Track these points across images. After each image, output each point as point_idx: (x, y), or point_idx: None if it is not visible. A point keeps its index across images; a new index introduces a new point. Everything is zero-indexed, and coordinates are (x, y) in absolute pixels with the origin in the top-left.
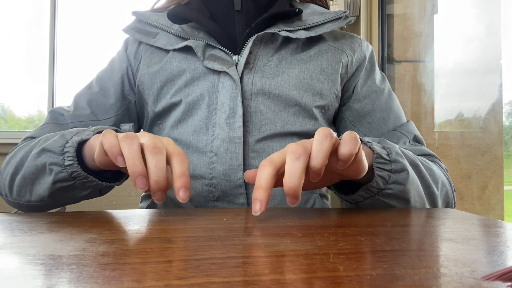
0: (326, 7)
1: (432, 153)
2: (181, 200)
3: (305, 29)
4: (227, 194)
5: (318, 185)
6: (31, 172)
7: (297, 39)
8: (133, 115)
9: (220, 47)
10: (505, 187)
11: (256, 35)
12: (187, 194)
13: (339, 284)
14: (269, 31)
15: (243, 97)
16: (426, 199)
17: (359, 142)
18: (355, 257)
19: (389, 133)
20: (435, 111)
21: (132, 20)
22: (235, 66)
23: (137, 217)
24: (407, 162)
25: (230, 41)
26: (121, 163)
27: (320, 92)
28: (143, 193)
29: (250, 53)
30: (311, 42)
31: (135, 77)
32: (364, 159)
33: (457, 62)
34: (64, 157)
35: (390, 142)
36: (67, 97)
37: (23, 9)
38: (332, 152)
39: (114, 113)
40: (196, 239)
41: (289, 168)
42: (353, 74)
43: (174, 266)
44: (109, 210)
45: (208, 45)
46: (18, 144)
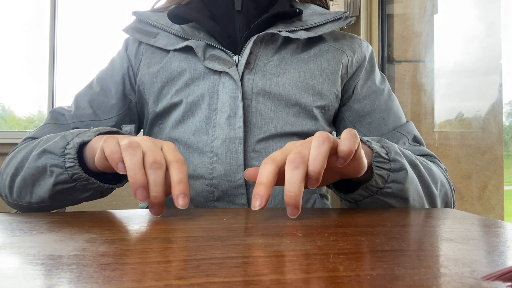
0: (326, 7)
1: (432, 153)
2: (180, 207)
3: (306, 29)
4: (227, 194)
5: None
6: (31, 174)
7: (298, 39)
8: (134, 115)
9: (220, 47)
10: (505, 187)
11: (257, 35)
12: (186, 201)
13: (339, 284)
14: (270, 31)
15: (244, 98)
16: (425, 199)
17: (359, 139)
18: (355, 257)
19: (388, 133)
20: (435, 111)
21: (133, 20)
22: (235, 66)
23: (137, 217)
24: (406, 161)
25: (230, 41)
26: (121, 170)
27: (320, 93)
28: None
29: (251, 53)
30: (311, 42)
31: (136, 77)
32: (364, 156)
33: (457, 62)
34: (65, 159)
35: (389, 142)
36: (67, 97)
37: (23, 9)
38: (332, 152)
39: (116, 113)
40: (196, 239)
41: (289, 178)
42: (353, 74)
43: (174, 266)
44: (109, 210)
45: (208, 45)
46: (18, 144)
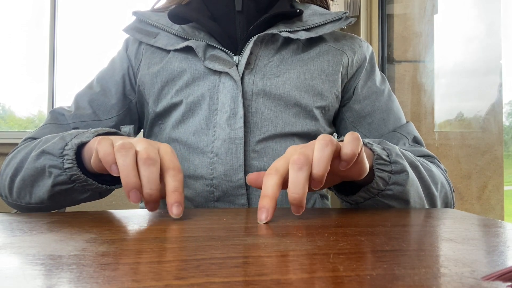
0: (326, 7)
1: (432, 154)
2: (174, 216)
3: (306, 29)
4: (227, 194)
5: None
6: (30, 174)
7: (298, 39)
8: (134, 115)
9: (220, 48)
10: (505, 187)
11: (257, 35)
12: (180, 210)
13: (339, 284)
14: (270, 31)
15: (244, 98)
16: (425, 200)
17: (361, 142)
18: (355, 257)
19: (389, 134)
20: (435, 111)
21: (133, 20)
22: (236, 66)
23: (137, 217)
24: (407, 163)
25: (230, 41)
26: (115, 172)
27: (320, 93)
28: None
29: (251, 53)
30: (311, 42)
31: (136, 77)
32: (366, 160)
33: (457, 62)
34: (63, 160)
35: (390, 144)
36: (67, 97)
37: (23, 9)
38: (334, 156)
39: (116, 113)
40: (196, 239)
41: (293, 179)
42: (354, 75)
43: (174, 266)
44: (109, 210)
45: (208, 46)
46: (18, 144)
